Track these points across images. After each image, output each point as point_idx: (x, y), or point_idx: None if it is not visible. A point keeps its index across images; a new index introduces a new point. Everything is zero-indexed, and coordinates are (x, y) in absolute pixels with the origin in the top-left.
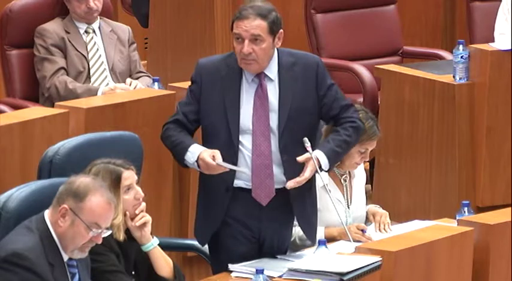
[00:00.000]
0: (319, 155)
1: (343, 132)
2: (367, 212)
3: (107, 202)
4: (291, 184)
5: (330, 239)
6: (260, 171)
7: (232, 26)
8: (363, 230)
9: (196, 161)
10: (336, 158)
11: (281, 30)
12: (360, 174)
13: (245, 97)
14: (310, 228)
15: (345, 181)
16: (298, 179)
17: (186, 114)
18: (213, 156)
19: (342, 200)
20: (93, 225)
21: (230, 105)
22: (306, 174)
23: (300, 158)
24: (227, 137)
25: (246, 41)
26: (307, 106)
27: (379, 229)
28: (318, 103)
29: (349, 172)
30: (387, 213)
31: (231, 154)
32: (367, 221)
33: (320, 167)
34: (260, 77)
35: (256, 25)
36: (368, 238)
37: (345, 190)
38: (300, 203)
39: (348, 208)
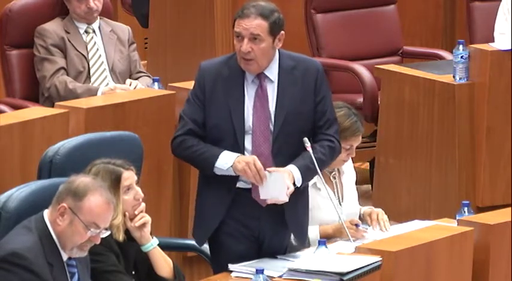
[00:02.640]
0: (293, 169)
1: (320, 150)
2: (362, 215)
3: (105, 202)
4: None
5: (325, 237)
6: None
7: (234, 24)
8: (356, 225)
9: (232, 165)
10: (310, 176)
11: (282, 32)
12: (349, 170)
13: (247, 98)
14: (300, 231)
15: (334, 178)
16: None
17: (195, 120)
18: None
19: (333, 197)
20: (92, 224)
21: (234, 106)
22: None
23: (271, 169)
24: (232, 139)
25: (245, 40)
26: (303, 111)
27: (379, 227)
28: (313, 108)
29: (337, 169)
30: (382, 210)
31: None
32: (363, 222)
33: (293, 183)
34: (260, 77)
35: (256, 24)
36: (363, 231)
37: (335, 187)
38: (292, 206)
39: (340, 204)
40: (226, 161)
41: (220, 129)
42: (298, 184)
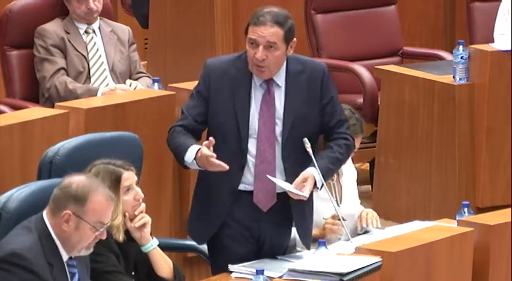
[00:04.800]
0: (315, 173)
1: (337, 149)
2: (358, 218)
3: (106, 199)
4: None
5: (314, 239)
6: (263, 177)
7: (247, 30)
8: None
9: (195, 158)
10: (329, 175)
11: (294, 39)
12: (348, 171)
13: (253, 101)
14: (306, 235)
15: (332, 179)
16: (298, 195)
17: (194, 117)
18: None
19: (332, 200)
20: (98, 224)
21: (240, 108)
22: (305, 193)
23: (299, 179)
24: (236, 141)
25: (261, 47)
26: (310, 114)
27: (366, 223)
28: (320, 111)
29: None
30: (372, 210)
31: (239, 157)
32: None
33: (315, 184)
34: (268, 82)
35: (273, 32)
36: (339, 224)
37: (332, 189)
38: (300, 211)
39: (338, 205)
40: (191, 154)
41: (224, 129)
42: (319, 185)
